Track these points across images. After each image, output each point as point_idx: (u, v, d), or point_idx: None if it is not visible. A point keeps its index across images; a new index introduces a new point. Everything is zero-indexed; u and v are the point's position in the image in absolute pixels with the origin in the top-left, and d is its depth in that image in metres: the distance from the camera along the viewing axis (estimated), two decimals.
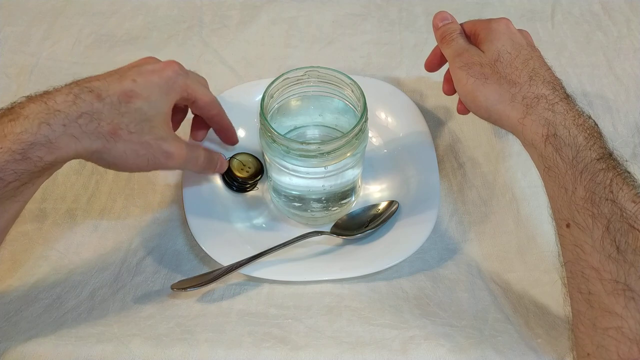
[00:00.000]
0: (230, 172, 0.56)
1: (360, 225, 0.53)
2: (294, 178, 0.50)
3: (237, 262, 0.49)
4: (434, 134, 0.61)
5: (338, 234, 0.53)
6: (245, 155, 0.58)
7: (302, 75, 0.50)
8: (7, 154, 0.38)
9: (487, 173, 0.59)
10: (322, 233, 0.52)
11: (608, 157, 0.40)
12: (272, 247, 0.50)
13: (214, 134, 0.55)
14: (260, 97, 0.48)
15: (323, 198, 0.53)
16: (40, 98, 0.40)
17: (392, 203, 0.54)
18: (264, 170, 0.57)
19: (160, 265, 0.52)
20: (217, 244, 0.51)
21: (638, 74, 0.67)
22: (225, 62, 0.70)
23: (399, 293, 0.49)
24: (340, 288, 0.49)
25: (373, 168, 0.59)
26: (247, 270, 0.49)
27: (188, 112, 0.53)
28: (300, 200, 0.53)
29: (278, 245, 0.50)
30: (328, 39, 0.73)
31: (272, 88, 0.49)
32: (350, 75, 0.49)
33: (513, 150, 0.59)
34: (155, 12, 0.76)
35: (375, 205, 0.55)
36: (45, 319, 0.46)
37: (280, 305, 0.48)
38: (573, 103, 0.44)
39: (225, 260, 0.49)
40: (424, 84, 0.67)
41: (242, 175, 0.56)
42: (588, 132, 0.41)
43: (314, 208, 0.54)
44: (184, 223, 0.54)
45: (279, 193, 0.54)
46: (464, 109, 0.50)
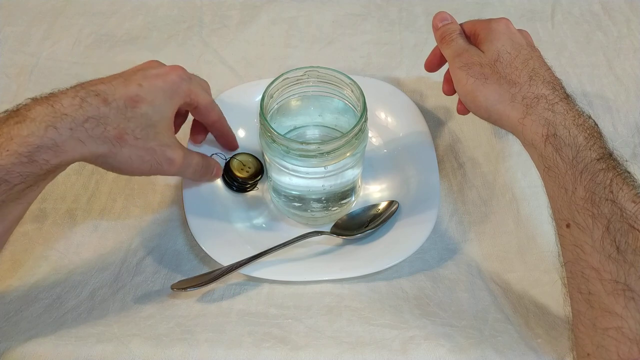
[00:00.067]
0: (230, 172, 0.56)
1: (360, 225, 0.53)
2: (294, 178, 0.50)
3: (237, 262, 0.49)
4: (434, 134, 0.61)
5: (338, 234, 0.53)
6: (245, 155, 0.58)
7: (301, 75, 0.50)
8: (13, 157, 0.37)
9: (487, 173, 0.59)
10: (322, 233, 0.52)
11: (608, 157, 0.40)
12: (272, 247, 0.50)
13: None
14: (260, 97, 0.48)
15: (323, 198, 0.53)
16: (47, 100, 0.40)
17: (392, 203, 0.54)
18: (264, 170, 0.57)
19: (160, 265, 0.52)
20: (217, 244, 0.51)
21: (638, 74, 0.67)
22: (225, 62, 0.70)
23: (399, 293, 0.49)
24: (340, 288, 0.49)
25: (373, 168, 0.59)
26: (247, 270, 0.49)
27: (188, 115, 0.53)
28: (300, 200, 0.53)
29: (278, 245, 0.50)
30: (328, 39, 0.73)
31: (271, 88, 0.49)
32: (350, 75, 0.49)
33: (513, 150, 0.59)
34: (155, 12, 0.76)
35: (375, 205, 0.55)
36: (45, 319, 0.46)
37: (280, 305, 0.48)
38: (573, 103, 0.44)
39: (225, 260, 0.49)
40: (424, 84, 0.67)
41: (242, 175, 0.56)
42: (588, 132, 0.41)
43: (314, 208, 0.54)
44: (184, 223, 0.54)
45: (279, 193, 0.54)
46: (464, 109, 0.50)
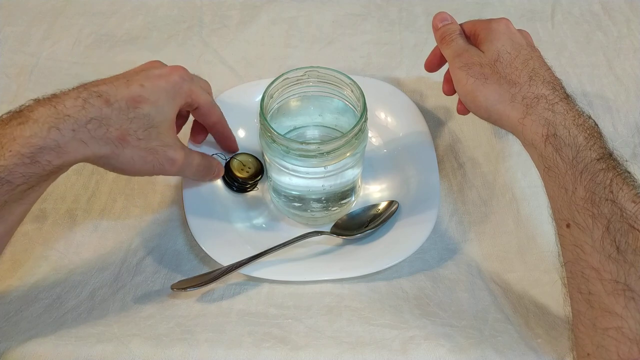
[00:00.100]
0: (231, 172, 0.56)
1: (360, 225, 0.53)
2: (294, 178, 0.50)
3: (237, 262, 0.49)
4: (434, 134, 0.61)
5: (338, 234, 0.53)
6: (245, 156, 0.58)
7: (301, 76, 0.50)
8: (16, 158, 0.38)
9: (487, 173, 0.59)
10: (322, 233, 0.52)
11: (608, 157, 0.40)
12: (272, 247, 0.50)
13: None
14: (260, 97, 0.48)
15: (323, 198, 0.53)
16: (49, 102, 0.40)
17: (392, 203, 0.54)
18: (264, 170, 0.57)
19: (160, 265, 0.52)
20: (217, 244, 0.51)
21: (638, 74, 0.67)
22: (225, 62, 0.70)
23: (399, 293, 0.49)
24: (340, 288, 0.49)
25: (373, 168, 0.59)
26: (247, 270, 0.49)
27: (189, 116, 0.54)
28: (300, 200, 0.53)
29: (278, 245, 0.50)
30: (328, 39, 0.73)
31: (271, 88, 0.49)
32: (350, 75, 0.49)
33: (513, 150, 0.59)
34: (155, 12, 0.76)
35: (375, 205, 0.55)
36: (45, 319, 0.46)
37: (280, 305, 0.48)
38: (573, 103, 0.44)
39: (225, 260, 0.49)
40: (424, 84, 0.67)
41: (242, 176, 0.56)
42: (588, 132, 0.41)
43: (314, 208, 0.54)
44: (184, 223, 0.54)
45: (279, 193, 0.54)
46: (464, 109, 0.50)
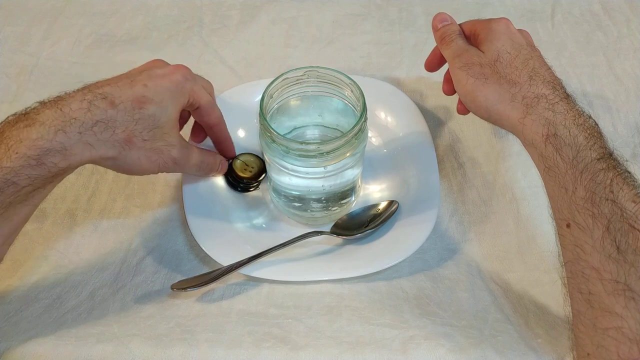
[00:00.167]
0: (234, 173, 0.56)
1: (360, 225, 0.53)
2: (294, 178, 0.50)
3: (237, 262, 0.49)
4: (434, 134, 0.61)
5: (338, 234, 0.53)
6: (247, 156, 0.58)
7: (301, 75, 0.50)
8: (22, 159, 0.38)
9: (487, 173, 0.59)
10: (322, 233, 0.52)
11: (608, 157, 0.40)
12: (272, 247, 0.50)
13: None
14: (260, 97, 0.48)
15: (323, 198, 0.53)
16: (55, 104, 0.40)
17: (392, 203, 0.54)
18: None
19: (160, 265, 0.52)
20: (217, 244, 0.51)
21: (638, 74, 0.67)
22: (225, 62, 0.70)
23: (399, 293, 0.49)
24: (340, 288, 0.49)
25: (373, 168, 0.59)
26: (247, 270, 0.49)
27: (189, 118, 0.54)
28: (300, 200, 0.53)
29: (278, 245, 0.50)
30: (328, 39, 0.73)
31: (271, 88, 0.49)
32: (350, 75, 0.49)
33: (513, 150, 0.59)
34: (155, 12, 0.76)
35: (375, 205, 0.55)
36: (45, 319, 0.46)
37: (280, 305, 0.48)
38: (573, 103, 0.44)
39: (225, 260, 0.49)
40: (424, 84, 0.67)
41: (245, 176, 0.56)
42: (588, 131, 0.41)
43: (314, 208, 0.54)
44: (184, 223, 0.54)
45: (279, 193, 0.54)
46: (464, 109, 0.50)
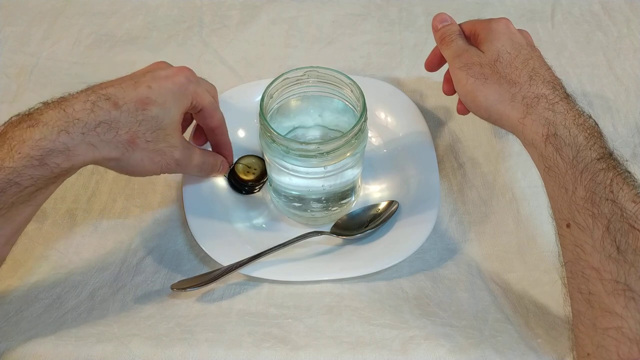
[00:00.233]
0: (237, 176, 0.56)
1: (360, 225, 0.53)
2: (294, 178, 0.50)
3: (237, 262, 0.49)
4: (434, 134, 0.61)
5: (338, 234, 0.53)
6: (249, 158, 0.58)
7: (301, 76, 0.50)
8: (25, 160, 0.38)
9: (487, 173, 0.59)
10: (322, 233, 0.52)
11: (608, 156, 0.40)
12: (272, 247, 0.50)
13: None
14: (260, 97, 0.48)
15: (323, 198, 0.53)
16: (59, 105, 0.40)
17: (392, 203, 0.54)
18: None
19: (160, 265, 0.52)
20: (217, 244, 0.51)
21: (638, 74, 0.67)
22: (225, 62, 0.70)
23: (399, 293, 0.49)
24: (340, 288, 0.49)
25: (373, 168, 0.59)
26: (247, 270, 0.49)
27: (192, 122, 0.54)
28: (300, 200, 0.53)
29: (278, 245, 0.50)
30: (328, 39, 0.73)
31: (271, 88, 0.49)
32: (350, 75, 0.49)
33: (513, 150, 0.59)
34: (155, 12, 0.76)
35: (375, 205, 0.55)
36: (45, 319, 0.46)
37: (280, 305, 0.48)
38: (573, 103, 0.44)
39: (225, 260, 0.49)
40: (424, 84, 0.67)
41: (248, 179, 0.56)
42: (588, 131, 0.41)
43: (314, 208, 0.54)
44: (184, 223, 0.54)
45: (279, 193, 0.54)
46: (464, 109, 0.50)
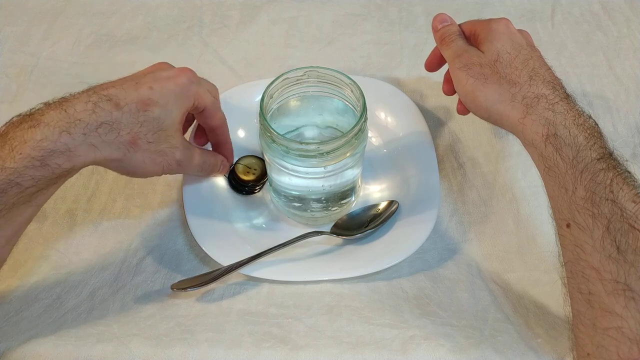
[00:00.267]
0: (237, 177, 0.56)
1: (360, 225, 0.53)
2: (294, 178, 0.50)
3: (237, 262, 0.49)
4: (434, 134, 0.61)
5: (338, 234, 0.53)
6: (249, 158, 0.58)
7: (301, 76, 0.50)
8: (26, 160, 0.38)
9: (487, 173, 0.59)
10: (322, 233, 0.52)
11: (608, 157, 0.40)
12: (272, 247, 0.50)
13: None
14: (260, 97, 0.48)
15: (323, 198, 0.53)
16: (60, 105, 0.40)
17: (392, 203, 0.54)
18: None
19: (160, 265, 0.52)
20: (217, 244, 0.51)
21: (638, 74, 0.67)
22: (225, 62, 0.70)
23: (399, 293, 0.49)
24: (340, 288, 0.49)
25: (373, 168, 0.59)
26: (247, 270, 0.49)
27: (193, 122, 0.54)
28: (300, 200, 0.53)
29: (278, 245, 0.50)
30: (328, 39, 0.73)
31: (271, 88, 0.49)
32: (350, 75, 0.49)
33: (513, 150, 0.59)
34: (155, 12, 0.76)
35: (375, 205, 0.55)
36: (45, 319, 0.46)
37: (280, 305, 0.48)
38: (573, 103, 0.44)
39: (225, 260, 0.49)
40: (424, 84, 0.67)
41: (249, 179, 0.56)
42: (588, 131, 0.41)
43: (314, 208, 0.54)
44: (184, 223, 0.54)
45: (279, 193, 0.54)
46: (464, 109, 0.50)
